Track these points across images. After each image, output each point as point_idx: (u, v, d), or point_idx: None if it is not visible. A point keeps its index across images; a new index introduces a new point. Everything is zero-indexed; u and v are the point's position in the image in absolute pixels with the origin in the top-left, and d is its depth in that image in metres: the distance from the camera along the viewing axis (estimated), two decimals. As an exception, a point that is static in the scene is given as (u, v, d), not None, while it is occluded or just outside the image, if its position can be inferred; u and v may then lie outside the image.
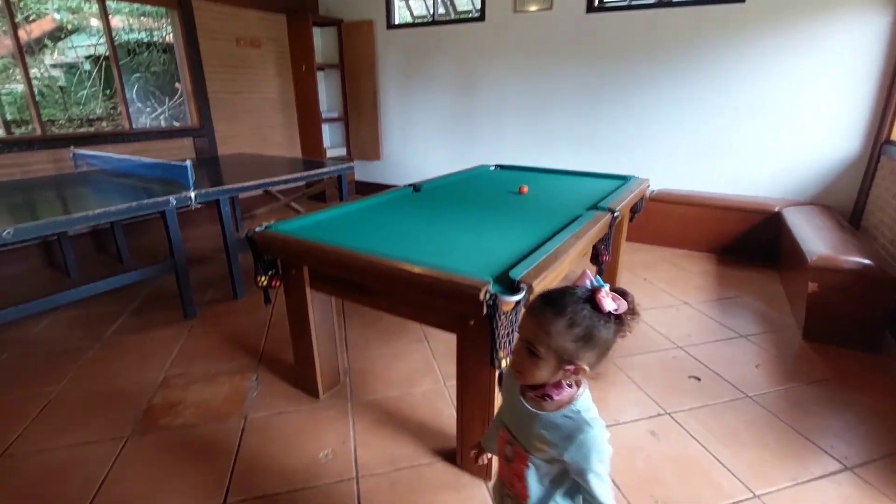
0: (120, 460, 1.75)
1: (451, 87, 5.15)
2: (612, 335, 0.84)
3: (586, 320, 0.82)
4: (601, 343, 0.83)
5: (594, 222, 2.01)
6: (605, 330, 0.83)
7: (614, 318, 0.83)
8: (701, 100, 3.97)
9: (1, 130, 5.08)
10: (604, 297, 0.82)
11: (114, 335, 2.67)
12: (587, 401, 0.91)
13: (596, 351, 0.84)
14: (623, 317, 0.83)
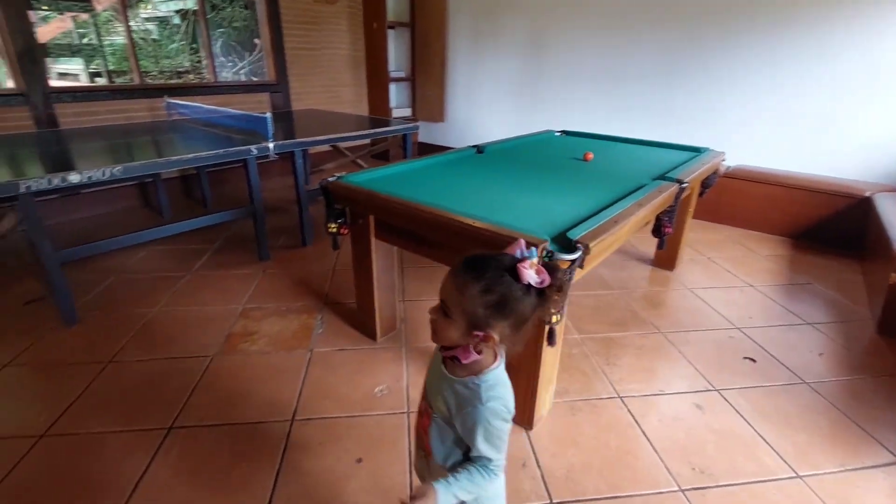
0: (207, 374, 2.01)
1: (522, 49, 5.02)
2: (531, 309, 0.81)
3: (503, 288, 0.79)
4: (516, 314, 0.81)
5: (658, 192, 1.98)
6: (522, 302, 0.80)
7: (536, 292, 0.80)
8: (795, 68, 3.64)
9: (105, 79, 5.58)
10: (525, 268, 0.79)
11: (200, 269, 2.98)
12: (495, 377, 0.88)
13: (510, 322, 0.81)
14: (546, 292, 0.81)
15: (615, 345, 2.30)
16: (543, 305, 0.82)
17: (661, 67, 4.21)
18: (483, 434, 0.85)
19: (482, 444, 0.86)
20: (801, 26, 3.54)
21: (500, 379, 0.89)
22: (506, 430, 0.88)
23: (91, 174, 2.14)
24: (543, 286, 0.80)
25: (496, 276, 0.80)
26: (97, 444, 1.65)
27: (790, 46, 3.61)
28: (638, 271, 3.12)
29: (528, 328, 0.84)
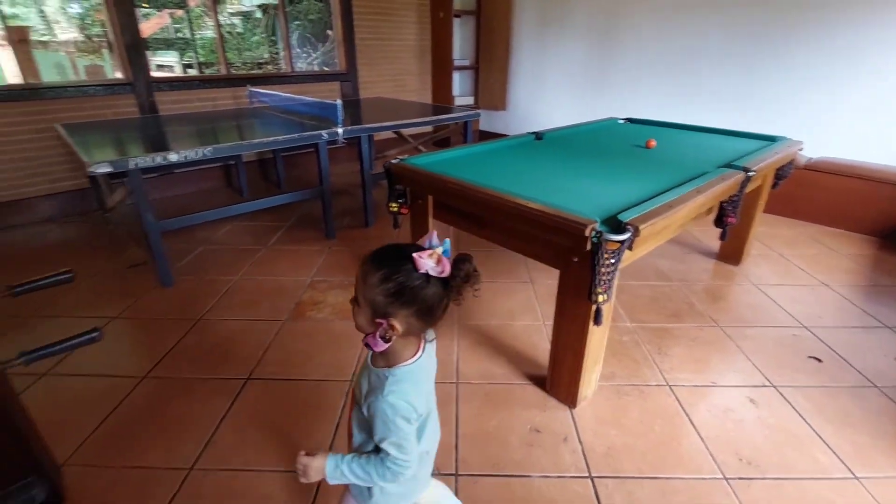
0: (279, 335, 2.24)
1: (589, 34, 4.92)
2: (437, 298, 0.83)
3: (401, 277, 0.81)
4: (419, 303, 0.82)
5: (721, 180, 1.94)
6: (423, 291, 0.81)
7: (441, 282, 0.82)
8: (886, 53, 3.32)
9: (196, 70, 6.10)
10: (421, 258, 0.80)
11: (274, 244, 3.26)
12: (405, 373, 0.88)
13: (413, 310, 0.83)
14: (451, 282, 0.82)
15: (668, 335, 2.28)
16: (451, 295, 0.84)
17: (738, 52, 3.98)
18: (382, 427, 0.85)
19: (380, 436, 0.86)
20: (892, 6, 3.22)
21: (411, 376, 0.88)
22: (407, 431, 0.86)
23: (186, 153, 2.42)
24: (443, 276, 0.81)
25: (395, 265, 0.82)
26: (187, 387, 1.90)
27: (879, 28, 3.30)
28: (700, 264, 3.03)
29: (438, 316, 0.86)
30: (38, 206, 3.63)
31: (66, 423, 1.72)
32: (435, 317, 0.86)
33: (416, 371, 0.89)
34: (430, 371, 0.96)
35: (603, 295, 1.49)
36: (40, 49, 5.25)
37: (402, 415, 0.85)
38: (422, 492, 1.07)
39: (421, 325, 0.86)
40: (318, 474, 0.91)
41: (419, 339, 0.92)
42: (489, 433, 1.70)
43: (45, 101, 3.46)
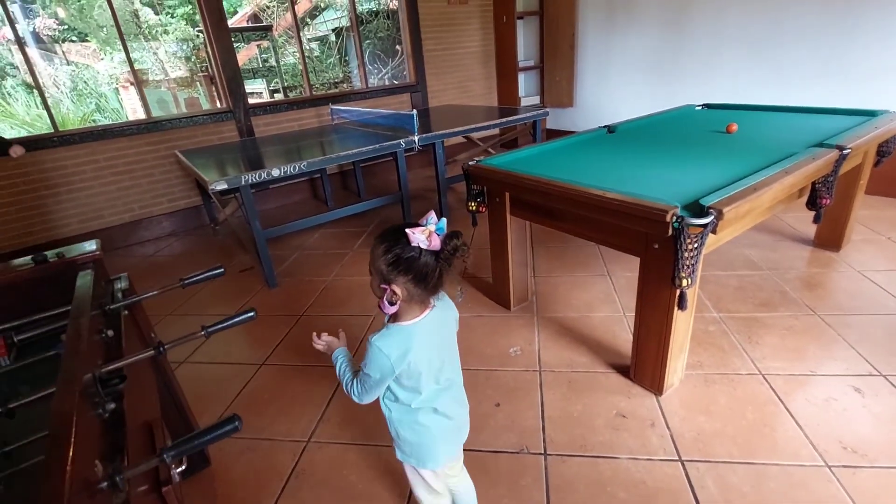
0: (370, 329, 2.45)
1: (658, 21, 4.78)
2: (430, 268, 0.97)
3: (398, 249, 0.96)
4: (414, 271, 0.97)
5: (811, 159, 1.86)
6: (417, 261, 0.96)
7: (433, 254, 0.96)
8: None
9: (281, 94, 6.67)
10: (412, 233, 0.94)
11: (359, 247, 3.53)
12: (397, 329, 1.04)
13: (409, 277, 0.98)
14: (442, 254, 0.97)
15: (759, 324, 2.21)
16: (442, 265, 0.98)
17: (830, 23, 3.68)
18: (365, 363, 1.05)
19: (362, 364, 1.07)
20: None
21: (400, 332, 1.04)
22: (371, 380, 1.05)
23: (286, 168, 2.73)
24: (433, 248, 0.96)
25: (394, 240, 0.98)
26: (299, 373, 2.16)
27: None
28: (794, 251, 2.86)
29: (432, 283, 1.00)
30: (162, 222, 4.20)
31: (205, 401, 2.02)
32: (429, 283, 1.00)
33: (410, 331, 1.05)
34: (431, 335, 1.08)
35: (687, 279, 1.51)
36: (150, 86, 6.04)
37: (376, 361, 1.03)
38: (445, 458, 1.21)
39: (418, 291, 1.01)
40: (328, 352, 1.24)
41: (424, 305, 1.06)
42: (574, 417, 1.77)
43: (164, 132, 4.01)
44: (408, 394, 1.10)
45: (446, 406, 1.15)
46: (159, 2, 6.60)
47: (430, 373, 1.09)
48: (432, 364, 1.09)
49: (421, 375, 1.07)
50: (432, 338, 1.08)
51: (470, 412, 1.23)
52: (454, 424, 1.20)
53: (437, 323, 1.09)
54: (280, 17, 6.75)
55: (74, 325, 0.86)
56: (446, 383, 1.15)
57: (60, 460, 0.56)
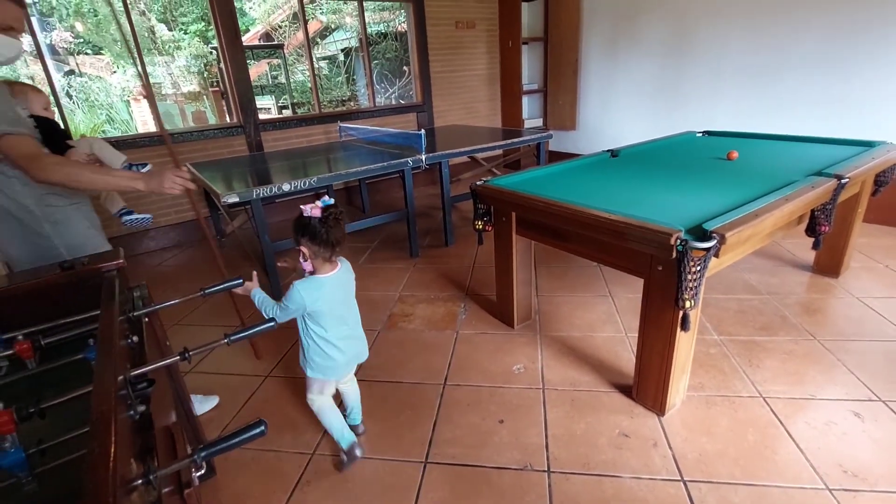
0: (375, 343, 2.47)
1: (660, 49, 4.92)
2: (317, 230, 1.44)
3: (300, 219, 1.47)
4: (310, 234, 1.45)
5: (811, 188, 1.92)
6: (310, 226, 1.45)
7: (318, 220, 1.44)
8: None
9: (290, 110, 6.79)
10: (303, 207, 1.46)
11: (364, 263, 3.56)
12: (312, 279, 1.53)
13: (308, 238, 1.47)
14: (322, 220, 1.44)
15: (759, 348, 2.24)
16: (326, 227, 1.44)
17: (829, 54, 3.80)
18: (286, 295, 1.51)
19: (285, 297, 1.52)
20: None
21: (314, 281, 1.52)
22: (289, 309, 1.52)
23: (296, 183, 2.78)
24: (314, 215, 1.44)
25: (298, 217, 1.49)
26: (303, 386, 2.15)
27: None
28: (793, 277, 2.91)
29: (323, 242, 1.46)
30: (169, 233, 4.24)
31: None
32: (320, 241, 1.46)
33: (322, 282, 1.54)
34: (337, 287, 1.59)
35: (690, 301, 1.55)
36: (160, 101, 6.15)
37: (293, 296, 1.50)
38: (341, 374, 1.73)
39: (317, 248, 1.48)
40: (246, 292, 1.58)
41: (331, 264, 1.56)
42: (578, 435, 1.78)
43: (176, 145, 4.08)
44: (318, 328, 1.57)
45: (345, 344, 1.65)
46: (173, 18, 6.78)
47: (333, 315, 1.58)
48: (334, 310, 1.58)
49: (324, 315, 1.55)
50: (336, 291, 1.58)
51: (474, 426, 1.27)
52: (348, 357, 1.68)
53: (342, 280, 1.61)
54: (291, 35, 6.92)
55: (106, 328, 0.90)
56: (347, 330, 1.66)
57: (104, 455, 0.59)
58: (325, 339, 1.58)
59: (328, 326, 1.57)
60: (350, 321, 1.69)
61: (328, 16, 7.09)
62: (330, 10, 6.96)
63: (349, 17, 6.83)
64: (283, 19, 6.67)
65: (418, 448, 1.77)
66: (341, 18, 6.99)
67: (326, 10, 6.98)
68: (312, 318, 1.56)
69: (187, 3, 6.63)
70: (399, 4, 5.47)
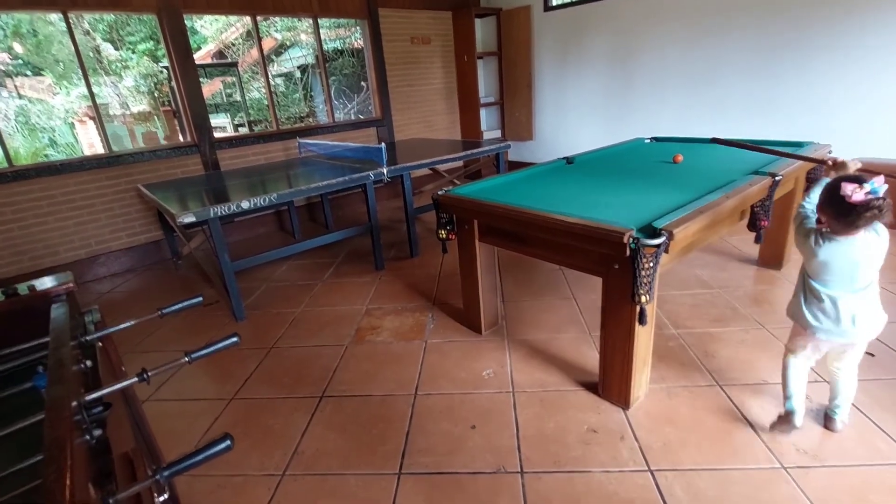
0: (343, 358, 2.44)
1: (607, 62, 5.15)
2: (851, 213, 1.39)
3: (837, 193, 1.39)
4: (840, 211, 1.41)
5: (749, 185, 2.06)
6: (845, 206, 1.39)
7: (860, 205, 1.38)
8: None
9: (246, 128, 6.67)
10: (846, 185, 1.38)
11: (329, 278, 3.52)
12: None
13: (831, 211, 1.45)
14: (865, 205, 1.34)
15: (713, 339, 2.35)
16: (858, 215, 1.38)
17: (759, 63, 4.09)
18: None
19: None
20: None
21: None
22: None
23: (256, 201, 2.74)
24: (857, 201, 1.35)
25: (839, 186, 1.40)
26: (270, 406, 2.12)
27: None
28: (741, 271, 3.08)
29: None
30: (120, 257, 4.06)
31: (173, 438, 1.95)
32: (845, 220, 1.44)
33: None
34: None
35: (645, 296, 1.62)
36: (108, 121, 5.93)
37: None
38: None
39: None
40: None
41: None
42: (548, 434, 1.82)
43: (126, 166, 3.94)
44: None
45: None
46: (120, 38, 6.57)
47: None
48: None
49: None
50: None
51: (447, 433, 1.24)
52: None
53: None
54: (245, 53, 6.83)
55: (56, 354, 0.86)
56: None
57: (60, 481, 0.57)
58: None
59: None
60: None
61: (283, 33, 7.04)
62: (284, 28, 6.92)
63: (305, 35, 6.80)
64: (237, 37, 6.58)
65: (392, 460, 1.76)
66: (296, 36, 6.96)
67: (281, 28, 6.94)
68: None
69: (135, 22, 6.45)
70: (354, 21, 5.51)
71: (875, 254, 1.45)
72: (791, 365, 1.71)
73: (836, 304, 1.50)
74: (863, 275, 1.47)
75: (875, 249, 1.44)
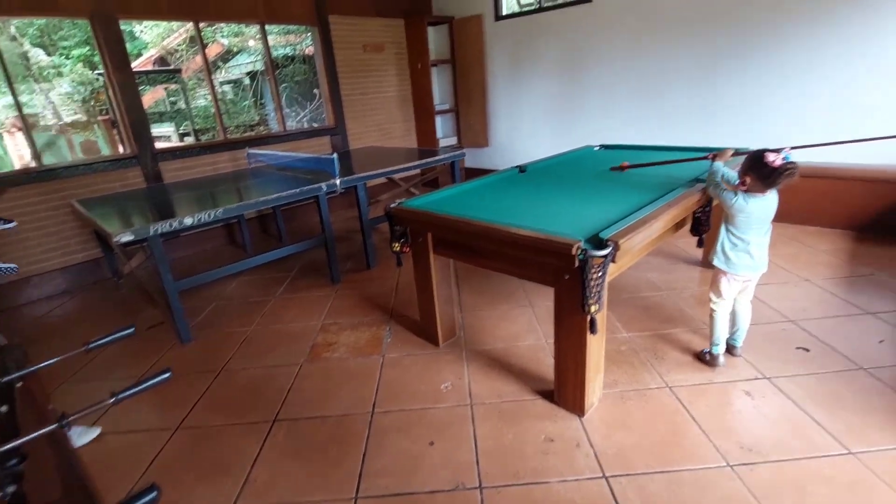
0: (298, 378, 2.36)
1: (558, 70, 5.28)
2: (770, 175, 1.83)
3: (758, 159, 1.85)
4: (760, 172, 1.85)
5: (691, 193, 2.14)
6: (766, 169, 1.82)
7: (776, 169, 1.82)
8: (840, 63, 3.64)
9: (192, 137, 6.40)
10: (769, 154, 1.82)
11: (282, 294, 3.41)
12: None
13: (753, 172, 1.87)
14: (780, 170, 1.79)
15: (663, 341, 2.43)
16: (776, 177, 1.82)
17: (700, 73, 4.30)
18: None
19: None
20: (834, 18, 3.56)
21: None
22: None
23: (200, 216, 2.62)
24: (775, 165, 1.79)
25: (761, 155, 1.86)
26: (219, 434, 2.01)
27: (825, 39, 3.63)
28: (687, 273, 3.21)
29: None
30: (55, 278, 3.78)
31: (112, 476, 1.82)
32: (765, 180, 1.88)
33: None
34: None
35: (595, 305, 1.65)
36: (39, 130, 5.55)
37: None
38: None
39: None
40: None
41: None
42: (506, 447, 1.82)
43: (60, 181, 3.68)
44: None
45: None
46: (52, 43, 6.17)
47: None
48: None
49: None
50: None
51: (405, 452, 1.20)
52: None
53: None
54: (189, 59, 6.56)
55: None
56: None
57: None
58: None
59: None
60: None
61: (230, 39, 6.82)
62: (231, 34, 6.70)
63: (253, 41, 6.61)
64: (180, 43, 6.31)
65: (348, 484, 1.71)
66: (244, 41, 6.76)
67: (228, 34, 6.71)
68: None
69: (68, 26, 6.07)
70: (305, 28, 5.40)
71: (775, 207, 1.95)
72: (718, 312, 2.13)
73: (751, 245, 1.97)
74: (768, 221, 1.98)
75: (776, 204, 1.95)
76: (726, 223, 2.01)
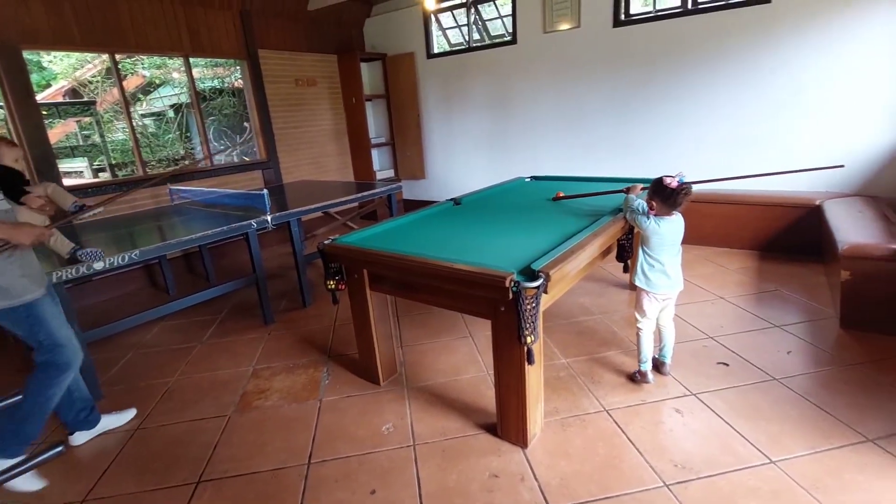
0: (226, 431, 2.18)
1: (488, 106, 5.51)
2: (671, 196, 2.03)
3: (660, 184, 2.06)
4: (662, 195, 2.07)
5: (613, 223, 2.27)
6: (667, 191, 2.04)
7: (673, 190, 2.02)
8: (733, 99, 4.08)
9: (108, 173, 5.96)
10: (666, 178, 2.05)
11: (210, 338, 3.18)
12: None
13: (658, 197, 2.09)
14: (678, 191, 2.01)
15: (598, 364, 2.50)
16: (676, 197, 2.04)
17: (617, 109, 4.66)
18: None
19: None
20: (731, 63, 4.01)
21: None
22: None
23: (112, 260, 2.40)
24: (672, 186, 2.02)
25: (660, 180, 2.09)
26: (133, 503, 1.80)
27: (726, 81, 4.09)
28: (617, 296, 3.36)
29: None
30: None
31: None
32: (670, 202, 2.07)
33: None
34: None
35: (531, 336, 1.67)
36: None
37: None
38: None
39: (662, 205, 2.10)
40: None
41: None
42: (451, 487, 1.76)
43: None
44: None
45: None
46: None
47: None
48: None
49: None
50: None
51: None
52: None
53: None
54: (106, 91, 6.17)
55: None
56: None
57: None
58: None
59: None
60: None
61: (151, 71, 6.50)
62: (153, 66, 6.40)
63: (177, 73, 6.35)
64: (94, 74, 5.93)
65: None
66: (168, 73, 6.47)
67: (149, 65, 6.40)
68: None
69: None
70: (234, 61, 5.27)
71: (682, 228, 2.15)
72: (644, 332, 2.27)
73: (666, 266, 2.14)
74: (678, 243, 2.17)
75: (682, 226, 2.15)
76: (643, 245, 2.18)
